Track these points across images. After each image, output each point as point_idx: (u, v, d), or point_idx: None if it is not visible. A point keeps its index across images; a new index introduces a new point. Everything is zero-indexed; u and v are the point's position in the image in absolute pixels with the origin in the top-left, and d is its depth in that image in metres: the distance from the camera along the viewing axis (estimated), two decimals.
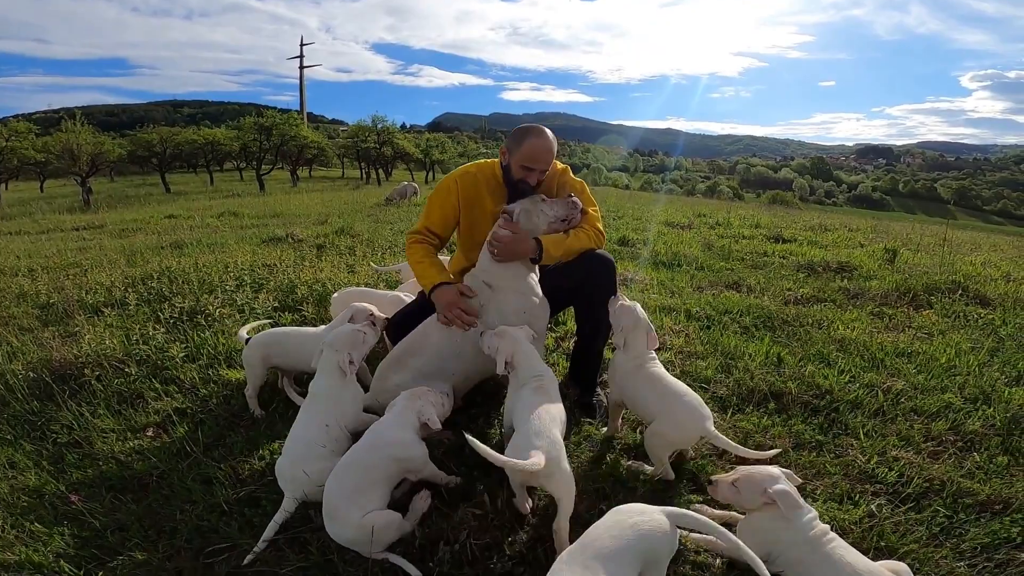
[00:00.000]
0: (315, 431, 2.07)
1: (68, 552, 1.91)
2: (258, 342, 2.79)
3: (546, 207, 2.51)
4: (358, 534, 1.72)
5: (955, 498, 2.06)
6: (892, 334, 3.66)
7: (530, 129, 2.56)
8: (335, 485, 1.81)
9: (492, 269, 2.48)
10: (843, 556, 1.58)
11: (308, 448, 2.02)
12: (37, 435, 2.73)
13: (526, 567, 1.69)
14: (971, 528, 1.91)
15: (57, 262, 6.52)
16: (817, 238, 7.61)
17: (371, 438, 1.93)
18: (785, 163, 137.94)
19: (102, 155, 22.44)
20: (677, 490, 2.09)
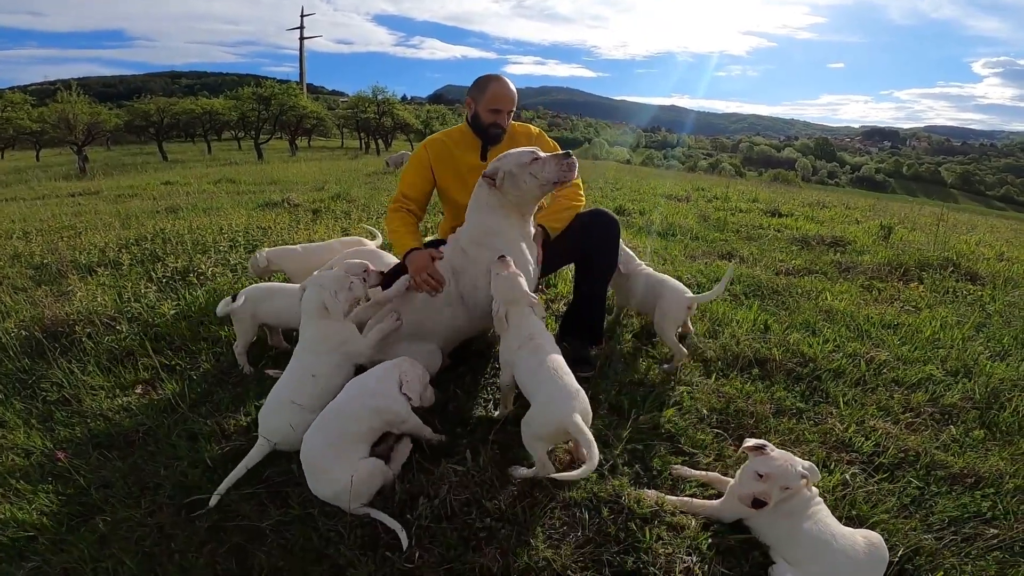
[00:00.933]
0: (300, 381, 2.08)
1: (51, 509, 1.93)
2: (248, 298, 2.79)
3: (536, 168, 2.30)
4: (340, 489, 1.74)
5: (928, 470, 2.08)
6: (880, 306, 3.67)
7: (490, 76, 2.73)
8: (316, 439, 1.82)
9: (470, 232, 2.41)
10: (824, 519, 1.63)
11: (292, 397, 2.04)
12: (28, 393, 2.75)
13: (505, 523, 1.72)
14: (941, 500, 1.94)
15: (52, 225, 6.50)
16: (814, 214, 7.60)
17: (353, 390, 1.94)
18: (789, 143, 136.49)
19: (98, 124, 22.25)
20: (658, 452, 2.11)
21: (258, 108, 27.83)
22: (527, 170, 2.31)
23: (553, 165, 2.33)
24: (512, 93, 2.69)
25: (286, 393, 2.06)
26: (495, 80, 2.69)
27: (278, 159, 24.19)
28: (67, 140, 21.40)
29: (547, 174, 2.31)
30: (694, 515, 1.79)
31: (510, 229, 2.38)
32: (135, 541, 1.76)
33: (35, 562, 1.71)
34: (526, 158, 2.33)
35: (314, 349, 2.16)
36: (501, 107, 2.66)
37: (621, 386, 2.52)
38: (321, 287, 2.17)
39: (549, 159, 2.34)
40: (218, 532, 1.77)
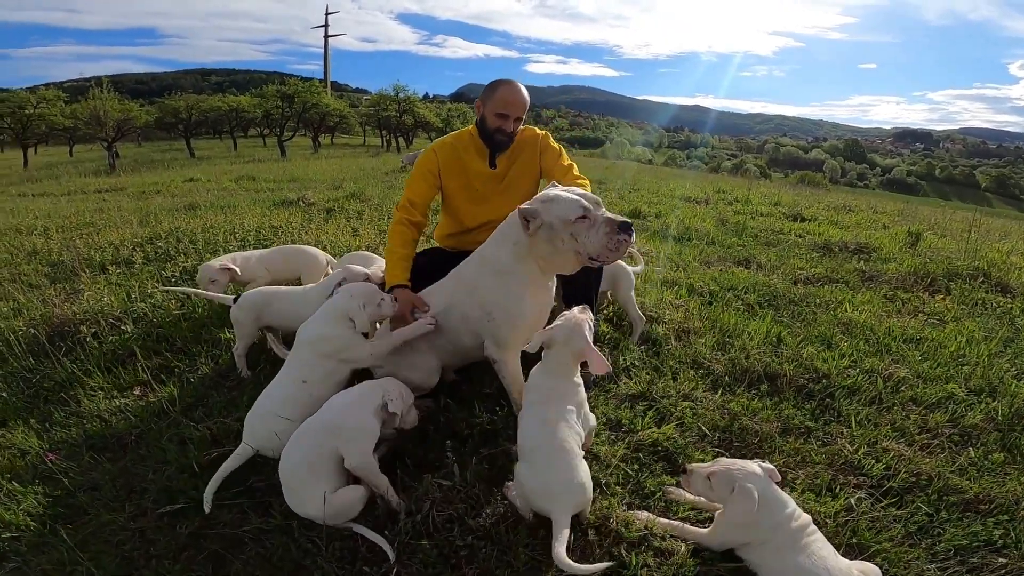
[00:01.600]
0: (291, 387, 2.04)
1: (37, 511, 1.92)
2: (249, 301, 2.78)
3: (580, 229, 1.94)
4: (316, 511, 1.69)
5: (940, 495, 1.96)
6: (903, 319, 3.51)
7: (501, 80, 2.62)
8: (292, 454, 1.77)
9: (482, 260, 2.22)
10: (819, 551, 1.54)
11: (278, 405, 2.00)
12: (31, 392, 2.77)
13: (487, 542, 1.65)
14: (951, 528, 1.82)
15: (73, 222, 6.64)
16: (839, 218, 7.36)
17: (323, 408, 1.86)
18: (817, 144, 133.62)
19: (128, 121, 22.80)
20: (653, 472, 2.03)
21: (282, 106, 28.26)
22: (569, 229, 1.97)
23: (602, 236, 1.94)
24: (522, 99, 2.55)
25: (272, 400, 2.02)
26: (505, 84, 2.58)
27: (300, 156, 24.52)
28: (98, 136, 21.98)
29: (590, 244, 1.95)
30: (684, 540, 1.70)
31: (523, 276, 2.12)
32: (115, 545, 1.75)
33: (15, 563, 1.71)
34: (573, 213, 1.96)
35: (311, 350, 2.10)
36: (508, 112, 2.54)
37: (620, 399, 2.43)
38: (351, 296, 2.12)
39: (601, 224, 1.95)
40: (198, 539, 1.75)
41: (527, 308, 2.13)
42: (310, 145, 31.02)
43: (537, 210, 2.01)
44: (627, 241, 1.94)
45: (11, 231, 6.24)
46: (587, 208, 1.96)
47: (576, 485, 1.63)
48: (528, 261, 2.10)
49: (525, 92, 2.59)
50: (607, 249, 1.94)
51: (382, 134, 34.73)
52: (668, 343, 2.96)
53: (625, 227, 1.95)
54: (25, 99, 23.92)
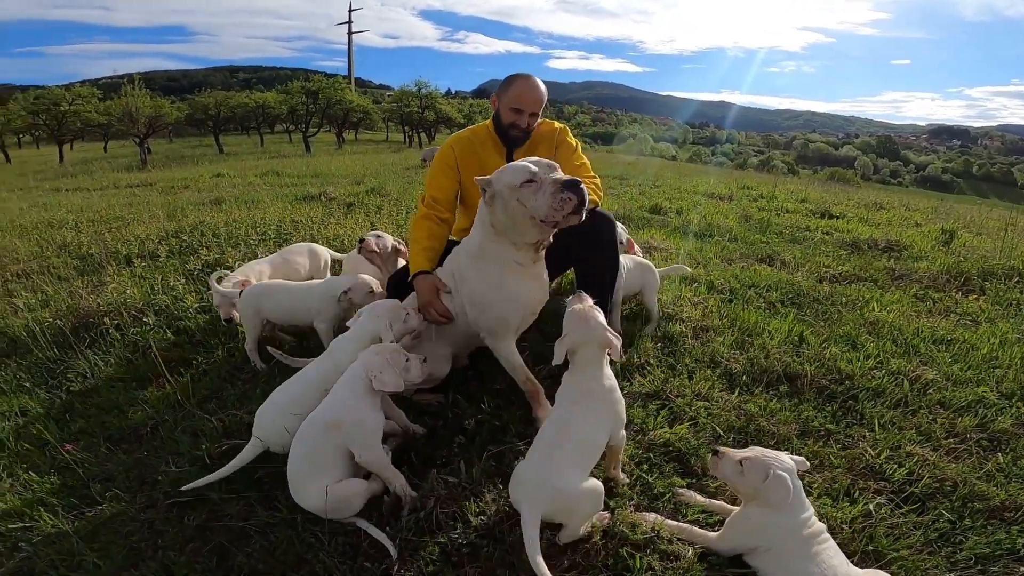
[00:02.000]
0: (311, 390, 2.00)
1: (50, 500, 1.96)
2: (251, 294, 2.81)
3: (527, 194, 1.93)
4: (319, 504, 1.68)
5: (964, 501, 1.87)
6: (933, 319, 3.37)
7: (518, 74, 2.56)
8: (297, 448, 1.77)
9: (467, 245, 2.21)
10: (829, 560, 1.48)
11: (296, 405, 1.97)
12: (54, 383, 2.83)
13: (490, 542, 1.63)
14: (973, 536, 1.73)
15: (104, 216, 6.81)
16: (869, 215, 7.14)
17: (323, 404, 1.84)
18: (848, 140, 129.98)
19: (160, 118, 23.35)
20: (663, 472, 1.97)
21: (306, 102, 28.66)
22: (516, 194, 1.94)
23: (547, 197, 1.90)
24: (537, 95, 2.51)
25: (284, 396, 2.03)
26: (521, 79, 2.53)
27: (325, 152, 24.85)
28: (130, 133, 22.57)
29: (537, 206, 1.91)
30: (693, 544, 1.65)
31: (499, 256, 2.09)
32: (124, 536, 1.76)
33: (26, 553, 1.74)
34: (519, 178, 1.94)
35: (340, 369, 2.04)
36: (522, 107, 2.50)
37: (633, 398, 2.37)
38: (377, 317, 2.11)
39: (547, 186, 1.91)
40: (204, 531, 1.75)
41: (509, 293, 2.10)
42: (334, 141, 31.40)
43: (490, 179, 2.02)
44: (571, 199, 1.87)
45: (43, 225, 6.44)
46: (534, 172, 1.93)
47: (547, 486, 1.55)
48: (502, 241, 2.07)
49: (542, 87, 2.54)
50: (553, 209, 1.89)
51: (404, 130, 34.97)
52: (685, 341, 2.89)
53: (570, 184, 1.89)
54: (60, 96, 24.68)
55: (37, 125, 24.83)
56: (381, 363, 1.82)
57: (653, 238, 4.94)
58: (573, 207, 1.89)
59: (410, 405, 2.29)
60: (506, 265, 2.09)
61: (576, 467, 1.61)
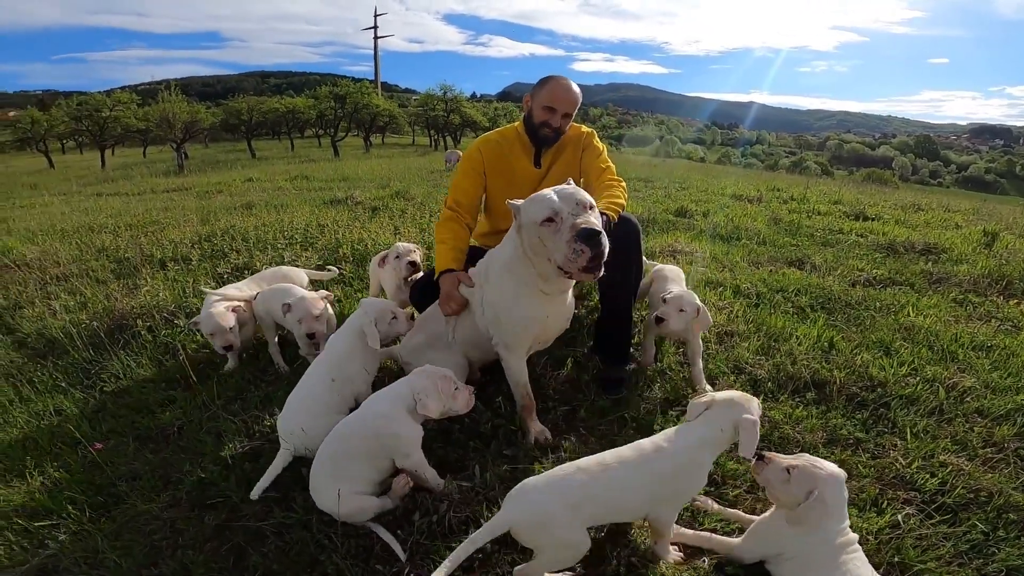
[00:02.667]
0: (319, 386, 2.09)
1: (78, 498, 2.01)
2: (263, 297, 2.87)
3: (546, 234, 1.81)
4: (332, 506, 1.70)
5: (999, 512, 1.78)
6: (972, 324, 3.23)
7: (553, 75, 2.57)
8: (323, 449, 1.79)
9: (498, 253, 2.17)
10: (856, 570, 1.42)
11: (308, 402, 2.04)
12: (88, 383, 2.92)
13: (502, 548, 1.61)
14: (1006, 548, 1.65)
15: (141, 220, 7.03)
16: (906, 217, 6.88)
17: (360, 410, 1.86)
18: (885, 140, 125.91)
19: (196, 123, 24.09)
20: None
21: (334, 107, 29.20)
22: (537, 232, 1.84)
23: (563, 244, 1.74)
24: (572, 96, 2.49)
25: (296, 400, 2.07)
26: (555, 79, 2.55)
27: (353, 156, 25.23)
28: (168, 138, 23.34)
29: (555, 251, 1.78)
30: (712, 552, 1.60)
31: (525, 276, 2.02)
32: (147, 534, 1.80)
33: (52, 550, 1.79)
34: (540, 215, 1.80)
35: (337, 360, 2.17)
36: (556, 106, 2.49)
37: (654, 404, 2.33)
38: (364, 313, 2.20)
39: (564, 231, 1.75)
40: (223, 531, 1.78)
41: (525, 314, 2.04)
42: (362, 145, 31.91)
43: (519, 207, 1.92)
44: (585, 252, 1.69)
45: (84, 229, 6.68)
46: (556, 211, 1.77)
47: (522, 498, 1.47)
48: (527, 263, 1.98)
49: (576, 90, 2.53)
50: (568, 260, 1.73)
51: (430, 133, 35.30)
52: (708, 346, 2.82)
53: (585, 235, 1.68)
54: (102, 102, 25.65)
55: (80, 131, 25.85)
56: (429, 387, 1.80)
57: (678, 241, 4.86)
58: (587, 261, 1.72)
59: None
60: (530, 286, 2.02)
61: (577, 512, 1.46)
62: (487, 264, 2.22)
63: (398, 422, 1.76)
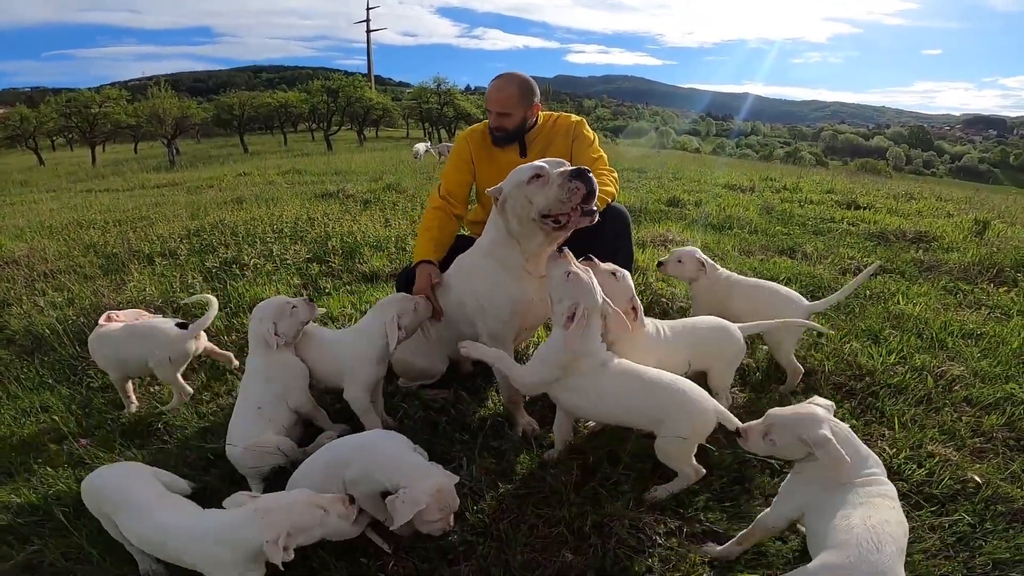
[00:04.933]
0: (249, 415, 1.99)
1: (62, 495, 2.00)
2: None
3: (534, 189, 1.87)
4: None
5: (987, 504, 1.78)
6: (962, 312, 3.24)
7: (498, 75, 2.53)
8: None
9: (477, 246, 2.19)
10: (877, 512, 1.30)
11: (245, 430, 1.94)
12: (75, 380, 2.89)
13: (486, 540, 1.61)
14: (994, 540, 1.64)
15: (130, 216, 6.97)
16: (898, 206, 6.90)
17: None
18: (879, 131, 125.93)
19: (186, 118, 23.90)
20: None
21: (327, 101, 29.01)
22: (523, 191, 1.88)
23: (554, 189, 1.81)
24: (500, 94, 2.44)
25: (238, 429, 1.97)
26: (495, 79, 2.52)
27: (346, 149, 25.10)
28: (159, 134, 23.17)
29: (543, 199, 1.84)
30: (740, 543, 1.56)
31: (508, 259, 2.03)
32: None
33: (37, 546, 1.77)
34: (527, 175, 1.89)
35: (256, 376, 2.08)
36: (489, 107, 2.50)
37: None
38: (260, 320, 2.09)
39: (555, 178, 1.83)
40: None
41: (511, 296, 2.03)
42: (355, 139, 31.74)
43: (500, 185, 1.99)
44: (579, 188, 1.78)
45: (73, 225, 6.61)
46: (542, 168, 1.88)
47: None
48: (512, 245, 2.01)
49: (511, 85, 2.45)
50: (559, 201, 1.81)
51: (424, 126, 35.15)
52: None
53: (577, 173, 1.80)
54: (91, 98, 25.42)
55: (69, 127, 25.63)
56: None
57: (669, 231, 4.85)
58: (582, 196, 1.80)
59: (416, 400, 2.28)
60: (513, 269, 2.04)
61: None
62: (465, 260, 2.22)
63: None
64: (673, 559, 1.56)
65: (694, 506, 1.75)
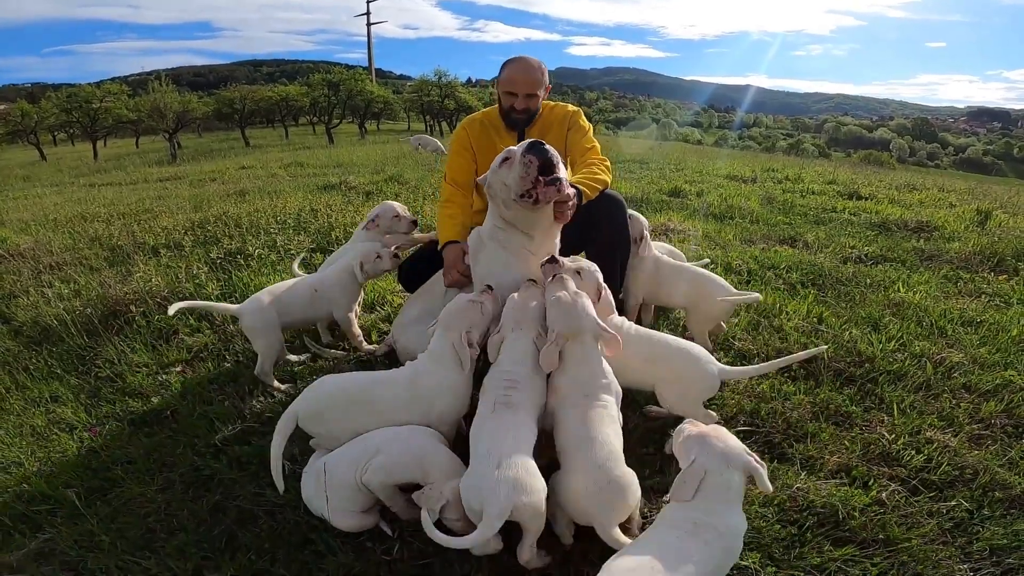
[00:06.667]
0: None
1: (73, 482, 2.03)
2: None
3: (504, 173, 1.95)
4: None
5: (985, 490, 1.80)
6: (962, 300, 3.25)
7: (512, 57, 2.57)
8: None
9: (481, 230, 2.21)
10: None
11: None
12: (84, 369, 2.93)
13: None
14: (991, 526, 1.67)
15: (134, 209, 6.99)
16: (900, 196, 6.89)
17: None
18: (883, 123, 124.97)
19: (187, 113, 23.83)
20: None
21: (328, 94, 28.91)
22: (498, 177, 1.97)
23: (517, 167, 1.88)
24: (530, 76, 2.48)
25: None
26: (513, 62, 2.55)
27: (347, 142, 25.02)
28: (160, 128, 23.11)
29: (512, 180, 1.90)
30: None
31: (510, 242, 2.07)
32: (142, 517, 1.83)
33: (49, 534, 1.81)
34: (498, 160, 1.99)
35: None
36: (515, 89, 2.49)
37: None
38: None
39: (517, 160, 1.89)
40: (216, 512, 1.81)
41: (513, 275, 2.05)
42: (357, 132, 31.63)
43: (485, 175, 2.08)
44: (533, 161, 1.84)
45: (77, 218, 6.64)
46: (511, 150, 1.96)
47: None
48: (510, 228, 2.06)
49: (535, 68, 2.51)
50: (522, 177, 1.87)
51: (425, 119, 35.01)
52: None
53: (529, 147, 1.87)
54: (92, 93, 25.32)
55: (71, 122, 25.59)
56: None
57: (671, 220, 4.86)
58: (537, 168, 1.84)
59: None
60: (517, 251, 2.08)
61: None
62: (474, 244, 2.23)
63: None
64: None
65: None
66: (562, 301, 1.71)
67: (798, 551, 1.58)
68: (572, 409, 1.61)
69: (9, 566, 1.70)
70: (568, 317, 1.68)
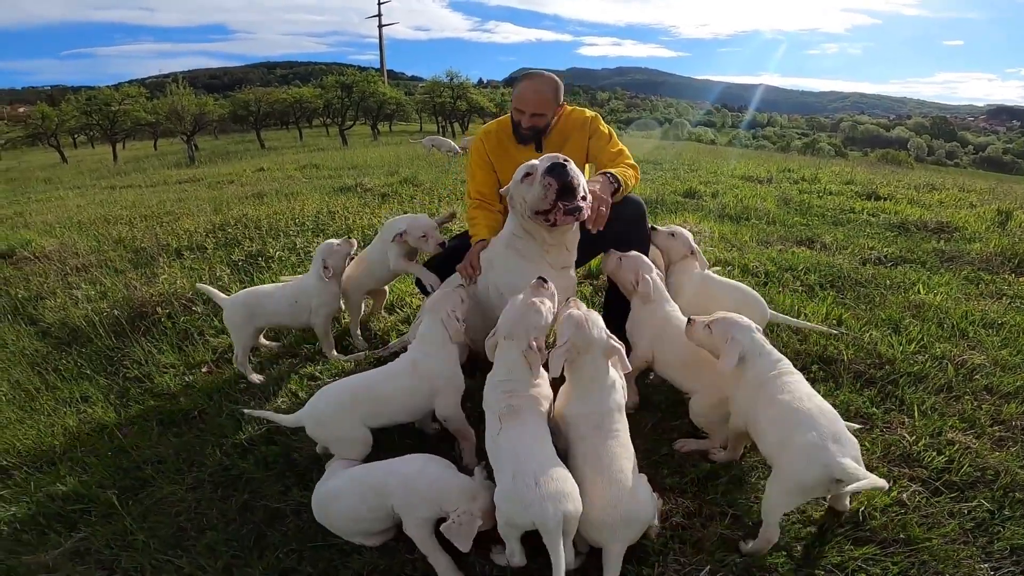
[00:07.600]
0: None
1: (108, 482, 2.09)
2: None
3: (525, 189, 1.98)
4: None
5: (1006, 491, 1.80)
6: (983, 302, 3.22)
7: (525, 73, 2.58)
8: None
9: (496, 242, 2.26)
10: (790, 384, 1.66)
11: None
12: (112, 370, 2.99)
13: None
14: (1012, 526, 1.67)
15: (155, 211, 7.11)
16: (920, 197, 6.80)
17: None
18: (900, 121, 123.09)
19: (204, 115, 24.14)
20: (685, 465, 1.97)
21: (341, 96, 29.17)
22: (519, 191, 2.00)
23: (537, 187, 1.88)
24: (539, 96, 2.46)
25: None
26: (525, 79, 2.55)
27: (361, 144, 25.21)
28: (178, 131, 23.45)
29: (530, 197, 1.92)
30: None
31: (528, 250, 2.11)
32: (173, 515, 1.88)
33: (84, 533, 1.86)
34: (520, 174, 2.00)
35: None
36: (523, 107, 2.49)
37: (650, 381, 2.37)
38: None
39: (537, 176, 1.90)
40: (245, 511, 1.86)
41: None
42: (370, 133, 31.85)
43: (508, 185, 2.10)
44: (552, 184, 1.83)
45: (100, 221, 6.78)
46: (532, 166, 1.97)
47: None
48: (528, 237, 2.11)
49: (547, 87, 2.48)
50: (541, 199, 1.88)
51: (438, 120, 35.16)
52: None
53: (547, 168, 1.86)
54: (110, 96, 25.75)
55: (90, 125, 26.03)
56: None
57: (686, 222, 4.86)
58: (555, 192, 1.85)
59: None
60: (534, 260, 2.12)
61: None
62: (493, 249, 2.28)
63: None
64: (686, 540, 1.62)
65: (714, 489, 1.79)
66: (573, 317, 1.72)
67: (818, 550, 1.59)
68: (582, 443, 1.61)
69: (45, 565, 1.74)
70: (579, 332, 1.69)
